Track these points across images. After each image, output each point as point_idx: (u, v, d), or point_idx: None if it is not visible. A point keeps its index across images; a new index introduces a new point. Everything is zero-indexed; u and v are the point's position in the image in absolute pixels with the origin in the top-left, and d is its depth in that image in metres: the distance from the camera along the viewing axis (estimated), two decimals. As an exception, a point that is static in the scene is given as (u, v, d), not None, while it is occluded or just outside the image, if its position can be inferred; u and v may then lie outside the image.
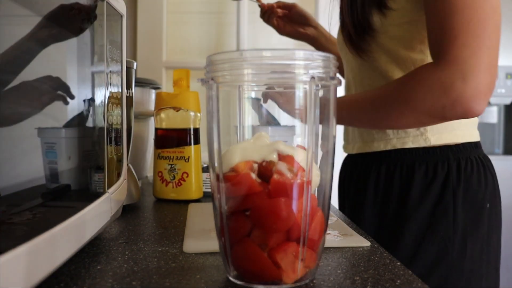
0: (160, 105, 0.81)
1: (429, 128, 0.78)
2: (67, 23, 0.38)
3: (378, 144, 0.83)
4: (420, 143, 0.79)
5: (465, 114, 0.65)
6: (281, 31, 1.08)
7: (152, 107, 0.99)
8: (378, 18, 0.76)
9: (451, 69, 0.63)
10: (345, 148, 0.94)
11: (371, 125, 0.79)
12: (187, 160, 0.79)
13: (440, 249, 0.76)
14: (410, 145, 0.80)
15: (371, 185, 0.84)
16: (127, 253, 0.48)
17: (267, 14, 1.08)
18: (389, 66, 0.79)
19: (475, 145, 0.81)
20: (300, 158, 0.38)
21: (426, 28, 0.71)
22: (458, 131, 0.79)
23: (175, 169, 0.80)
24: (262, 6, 1.09)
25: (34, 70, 0.33)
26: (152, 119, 0.98)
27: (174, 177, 0.80)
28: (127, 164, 0.61)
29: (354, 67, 0.87)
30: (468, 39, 0.63)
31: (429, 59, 0.74)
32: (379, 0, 0.74)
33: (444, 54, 0.64)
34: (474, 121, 0.82)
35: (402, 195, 0.79)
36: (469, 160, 0.78)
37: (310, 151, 0.37)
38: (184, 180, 0.80)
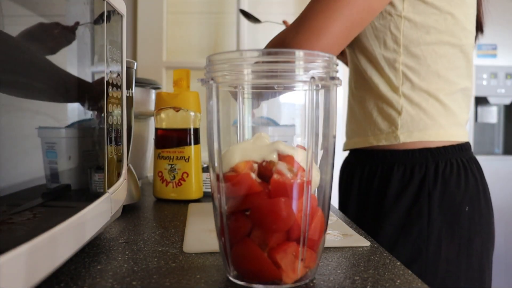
0: (160, 105, 0.81)
1: (399, 126, 0.80)
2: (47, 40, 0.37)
3: (355, 140, 0.87)
4: (391, 140, 0.81)
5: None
6: None
7: (152, 107, 0.99)
8: None
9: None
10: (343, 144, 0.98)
11: None
12: (187, 160, 0.79)
13: (414, 249, 0.77)
14: (383, 142, 0.82)
15: (355, 183, 0.87)
16: (127, 253, 0.48)
17: None
18: (366, 66, 0.82)
19: (460, 148, 0.81)
20: (300, 158, 0.38)
21: (397, 27, 0.77)
22: (430, 131, 0.80)
23: (175, 169, 0.80)
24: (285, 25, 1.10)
25: (34, 70, 0.33)
26: (152, 119, 0.98)
27: (174, 177, 0.80)
28: (127, 164, 0.61)
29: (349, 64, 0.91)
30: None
31: (401, 58, 0.78)
32: None
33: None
34: (456, 121, 0.82)
35: (380, 195, 0.81)
36: (449, 163, 0.79)
37: (310, 151, 0.37)
38: (184, 180, 0.80)
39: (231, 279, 0.40)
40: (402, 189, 0.79)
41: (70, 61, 0.40)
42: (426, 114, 0.79)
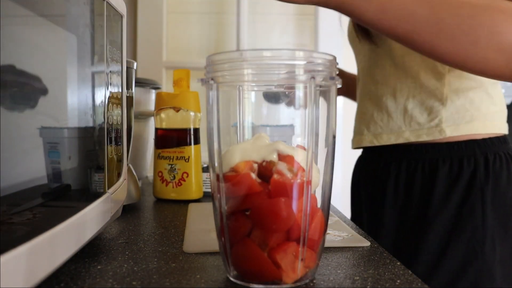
0: (160, 105, 0.81)
1: (444, 119, 0.72)
2: None
3: (388, 136, 0.77)
4: (435, 135, 0.72)
5: None
6: None
7: (152, 107, 0.99)
8: None
9: None
10: (352, 142, 0.87)
11: (423, 35, 0.57)
12: (187, 160, 0.79)
13: (468, 252, 0.69)
14: (424, 138, 0.73)
15: (391, 184, 0.77)
16: (127, 253, 0.48)
17: None
18: (404, 52, 0.72)
19: (504, 140, 0.74)
20: (300, 158, 0.38)
21: None
22: (477, 122, 0.72)
23: (175, 169, 0.80)
24: None
25: (34, 70, 0.33)
26: (152, 119, 0.98)
27: (174, 177, 0.80)
28: (127, 164, 0.61)
29: (366, 54, 0.82)
30: None
31: None
32: None
33: None
34: (500, 112, 0.75)
35: (424, 194, 0.73)
36: (498, 155, 0.71)
37: (310, 151, 0.37)
38: (184, 180, 0.80)
39: (231, 279, 0.40)
40: (451, 185, 0.71)
41: (70, 61, 0.40)
42: (472, 104, 0.71)
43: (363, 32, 0.76)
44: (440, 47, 0.56)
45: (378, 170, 0.81)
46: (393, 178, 0.77)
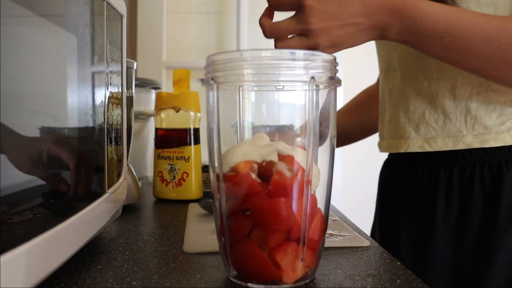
0: (160, 105, 0.81)
1: None
2: None
3: (444, 141, 0.64)
4: (507, 141, 0.61)
5: None
6: None
7: (152, 107, 0.99)
8: None
9: None
10: (384, 146, 0.74)
11: (489, 70, 0.55)
12: (187, 160, 0.79)
13: None
14: (492, 143, 0.61)
15: (441, 195, 0.64)
16: (127, 253, 0.48)
17: None
18: None
19: None
20: (300, 158, 0.38)
21: None
22: None
23: (175, 169, 0.80)
24: None
25: (34, 70, 0.33)
26: (152, 119, 0.98)
27: (174, 177, 0.80)
28: (127, 164, 0.61)
29: None
30: None
31: None
32: None
33: None
34: None
35: (487, 205, 0.61)
36: None
37: (310, 151, 0.37)
38: (184, 180, 0.80)
39: (231, 279, 0.40)
40: None
41: (70, 61, 0.40)
42: None
43: None
44: (508, 80, 0.56)
45: (422, 179, 0.68)
46: (443, 188, 0.65)
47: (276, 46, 0.56)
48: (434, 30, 0.53)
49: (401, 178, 0.72)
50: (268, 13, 0.58)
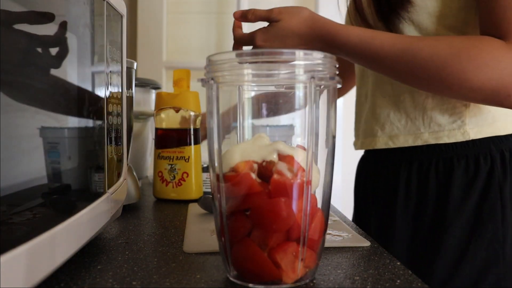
0: (160, 105, 0.81)
1: (467, 120, 0.69)
2: None
3: (405, 138, 0.73)
4: (458, 137, 0.70)
5: None
6: None
7: (152, 107, 0.99)
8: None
9: None
10: (358, 144, 0.84)
11: (405, 82, 0.66)
12: (187, 160, 0.79)
13: (490, 254, 0.67)
14: (445, 140, 0.70)
15: (401, 187, 0.74)
16: (127, 253, 0.48)
17: None
18: None
19: None
20: (300, 158, 0.38)
21: (470, 6, 0.65)
22: (499, 123, 0.70)
23: (175, 169, 0.80)
24: None
25: (34, 70, 0.33)
26: (152, 119, 0.98)
27: (174, 177, 0.80)
28: (127, 164, 0.61)
29: None
30: None
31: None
32: None
33: None
34: None
35: (440, 195, 0.70)
36: None
37: (310, 151, 0.37)
38: (184, 180, 0.80)
39: (231, 279, 0.40)
40: (468, 184, 0.68)
41: (70, 61, 0.40)
42: None
43: (384, 21, 0.71)
44: (423, 89, 0.67)
45: (387, 172, 0.77)
46: (404, 180, 0.74)
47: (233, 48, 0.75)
48: (355, 53, 0.64)
49: (371, 171, 0.82)
50: (238, 24, 0.82)
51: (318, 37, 0.65)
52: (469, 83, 0.58)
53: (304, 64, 0.38)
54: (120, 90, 0.55)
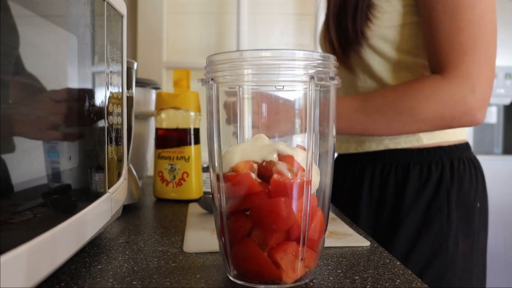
0: (161, 105, 0.81)
1: None
2: None
3: (369, 144, 0.85)
4: (413, 143, 0.81)
5: (471, 123, 0.71)
6: None
7: (152, 107, 0.99)
8: (368, 26, 0.78)
9: (461, 83, 0.68)
10: (339, 147, 0.96)
11: (366, 133, 0.79)
12: (187, 160, 0.80)
13: (435, 246, 0.78)
14: (403, 145, 0.82)
15: (366, 185, 0.85)
16: (127, 252, 0.48)
17: None
18: (382, 69, 0.81)
19: (466, 146, 0.84)
20: (300, 158, 0.38)
21: (419, 33, 0.75)
22: (449, 130, 0.81)
23: (175, 169, 0.80)
24: None
25: (34, 70, 0.33)
26: (152, 119, 0.98)
27: (175, 177, 0.80)
28: (128, 164, 0.61)
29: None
30: (476, 55, 0.68)
31: (423, 62, 0.78)
32: (370, 8, 0.77)
33: (453, 69, 0.69)
34: None
35: (397, 194, 0.81)
36: (461, 160, 0.81)
37: (310, 151, 0.38)
38: (184, 180, 0.80)
39: (231, 279, 0.40)
40: (421, 187, 0.79)
41: (71, 61, 0.40)
42: None
43: (341, 61, 0.83)
44: (387, 133, 0.77)
45: (354, 172, 0.88)
46: (368, 180, 0.85)
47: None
48: None
49: (342, 172, 0.92)
50: None
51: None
52: (419, 116, 0.70)
53: (304, 64, 0.38)
54: (120, 90, 0.55)
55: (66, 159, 0.39)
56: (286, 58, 0.39)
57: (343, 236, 0.55)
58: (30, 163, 0.33)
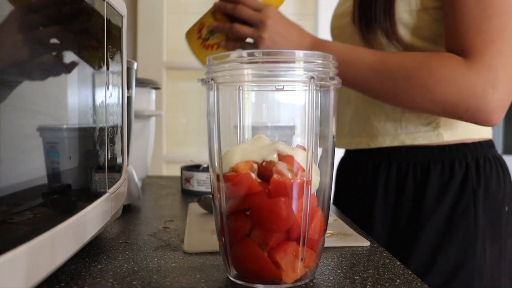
0: None
1: (442, 123, 0.73)
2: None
3: (383, 139, 0.77)
4: (432, 139, 0.74)
5: (483, 122, 0.64)
6: None
7: (152, 107, 0.99)
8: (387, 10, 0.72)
9: (484, 74, 0.62)
10: (339, 143, 0.87)
11: (370, 94, 0.72)
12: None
13: (460, 254, 0.70)
14: (421, 141, 0.74)
15: (380, 186, 0.77)
16: (127, 252, 0.48)
17: None
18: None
19: (491, 144, 0.77)
20: (300, 158, 0.38)
21: (441, 20, 0.69)
22: (472, 126, 0.73)
23: (214, 34, 0.77)
24: None
25: (34, 70, 0.33)
26: (152, 119, 0.98)
27: (208, 39, 0.77)
28: (128, 164, 0.61)
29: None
30: (504, 46, 0.62)
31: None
32: None
33: (478, 57, 0.62)
34: None
35: (417, 196, 0.73)
36: (487, 159, 0.73)
37: (310, 151, 0.38)
38: (212, 49, 0.77)
39: (231, 279, 0.40)
40: (443, 187, 0.72)
41: (71, 61, 0.40)
42: None
43: (365, 29, 0.75)
44: (391, 102, 0.71)
45: (367, 172, 0.80)
46: (382, 180, 0.77)
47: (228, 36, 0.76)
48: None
49: (353, 171, 0.84)
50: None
51: (310, 43, 0.72)
52: (430, 95, 0.64)
53: (304, 64, 0.38)
54: (120, 90, 0.55)
55: (66, 159, 0.39)
56: (286, 58, 0.39)
57: (343, 236, 0.55)
58: (30, 163, 0.33)
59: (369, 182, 0.79)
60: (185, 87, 1.87)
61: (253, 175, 0.37)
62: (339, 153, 0.90)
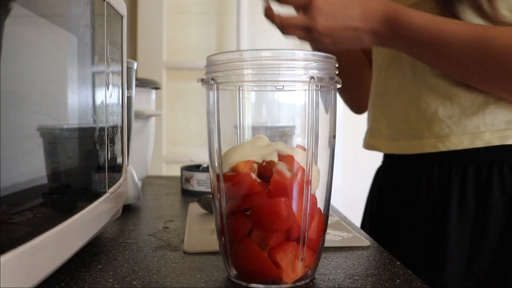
0: None
1: None
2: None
3: (458, 139, 0.58)
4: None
5: None
6: None
7: (152, 107, 0.99)
8: None
9: None
10: (383, 146, 0.69)
11: (467, 72, 0.55)
12: None
13: None
14: (496, 141, 0.57)
15: (454, 199, 0.58)
16: (127, 252, 0.48)
17: None
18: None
19: None
20: (300, 158, 0.38)
21: None
22: None
23: None
24: None
25: (34, 70, 0.33)
26: (152, 119, 0.98)
27: None
28: (128, 164, 0.61)
29: None
30: None
31: None
32: None
33: None
34: None
35: (510, 211, 0.55)
36: None
37: (310, 151, 0.38)
38: None
39: (231, 279, 0.40)
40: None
41: (71, 61, 0.40)
42: None
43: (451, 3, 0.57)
44: (491, 89, 0.56)
45: (430, 181, 0.62)
46: (456, 190, 0.58)
47: (283, 33, 0.62)
48: (418, 38, 0.55)
49: (404, 180, 0.66)
50: (270, 6, 0.64)
51: (382, 11, 0.55)
52: None
53: (304, 64, 0.38)
54: (120, 90, 0.55)
55: (66, 159, 0.39)
56: (286, 58, 0.39)
57: (344, 236, 0.55)
58: (30, 163, 0.33)
59: (435, 195, 0.61)
60: (185, 87, 1.87)
61: (253, 175, 0.37)
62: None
